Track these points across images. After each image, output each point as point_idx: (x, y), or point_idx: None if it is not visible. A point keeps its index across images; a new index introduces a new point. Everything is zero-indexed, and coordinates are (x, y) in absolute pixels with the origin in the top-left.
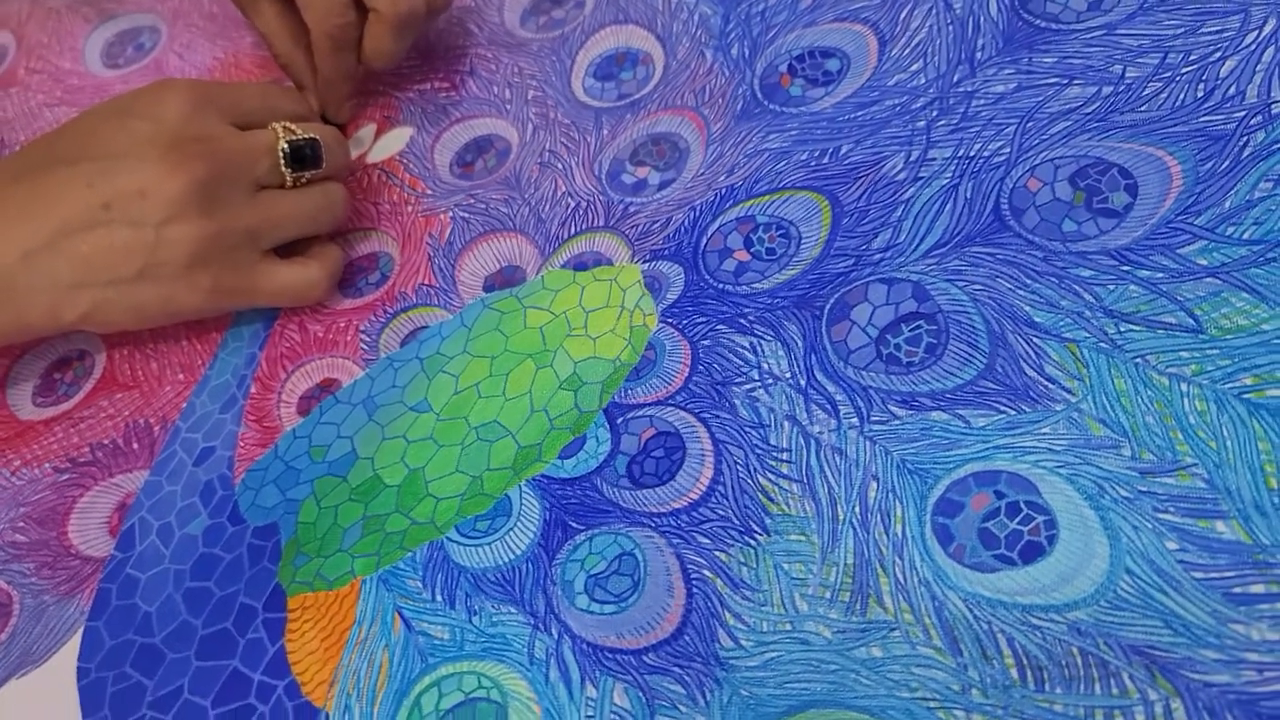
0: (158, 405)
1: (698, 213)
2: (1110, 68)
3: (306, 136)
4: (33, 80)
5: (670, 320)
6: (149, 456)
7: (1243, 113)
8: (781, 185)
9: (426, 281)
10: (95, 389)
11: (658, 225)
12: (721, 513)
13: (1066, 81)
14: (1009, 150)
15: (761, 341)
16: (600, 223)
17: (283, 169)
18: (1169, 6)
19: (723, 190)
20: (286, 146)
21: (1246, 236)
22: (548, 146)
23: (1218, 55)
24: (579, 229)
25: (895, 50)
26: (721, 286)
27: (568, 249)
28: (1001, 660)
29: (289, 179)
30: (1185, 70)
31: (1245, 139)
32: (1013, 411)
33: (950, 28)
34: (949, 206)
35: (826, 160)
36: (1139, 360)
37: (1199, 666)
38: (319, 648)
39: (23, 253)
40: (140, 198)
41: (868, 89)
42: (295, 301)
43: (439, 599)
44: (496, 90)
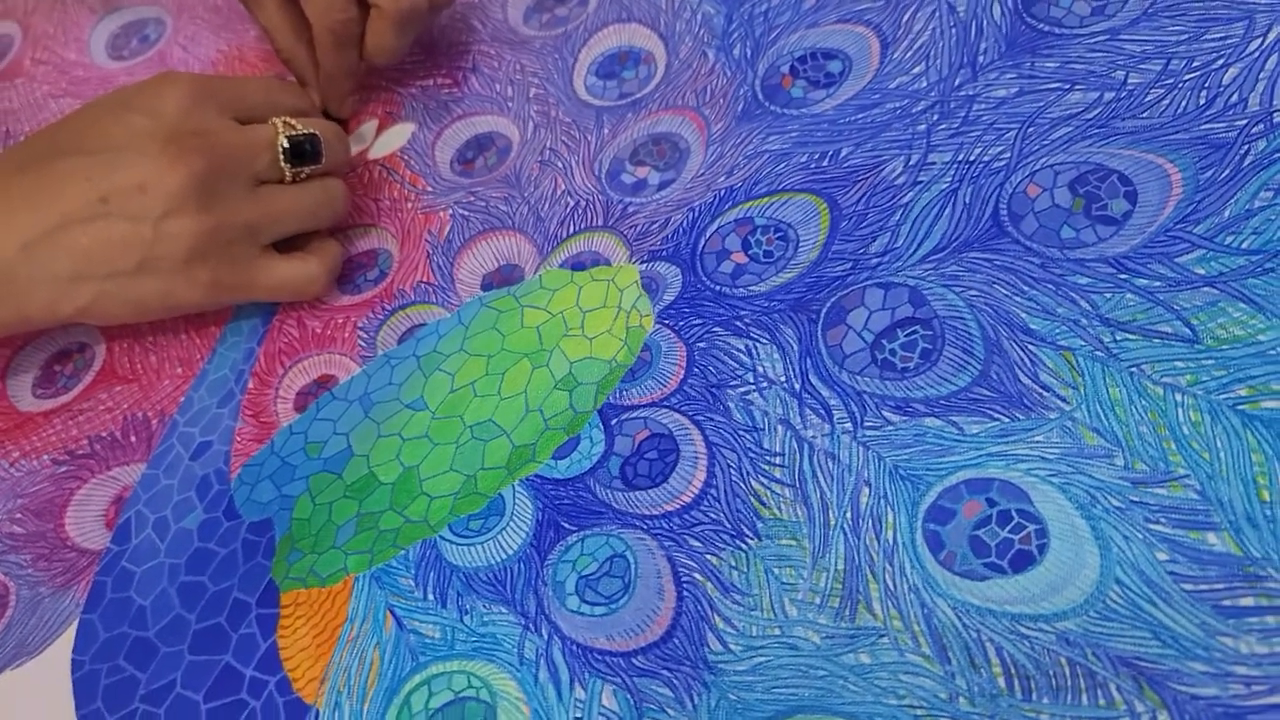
0: (156, 399)
1: (696, 214)
2: (1112, 73)
3: (306, 132)
4: (38, 71)
5: (667, 322)
6: (146, 450)
7: (1244, 121)
8: (781, 187)
9: (425, 279)
10: (94, 382)
11: (656, 226)
12: (713, 516)
13: (1068, 87)
14: (1009, 155)
15: (757, 345)
16: (599, 222)
17: (282, 164)
18: (1173, 12)
19: (722, 191)
20: (286, 142)
21: (1245, 246)
22: (548, 145)
23: (1221, 62)
24: (578, 228)
25: (897, 53)
26: (718, 288)
27: (566, 248)
28: (989, 669)
29: (288, 174)
30: (1188, 77)
31: (1246, 147)
32: (1006, 419)
33: (953, 30)
34: (948, 211)
35: (826, 163)
36: (1134, 369)
37: (1186, 679)
38: (311, 644)
39: (22, 244)
40: (139, 192)
41: (869, 91)
42: (294, 297)
43: (431, 597)
44: (499, 87)
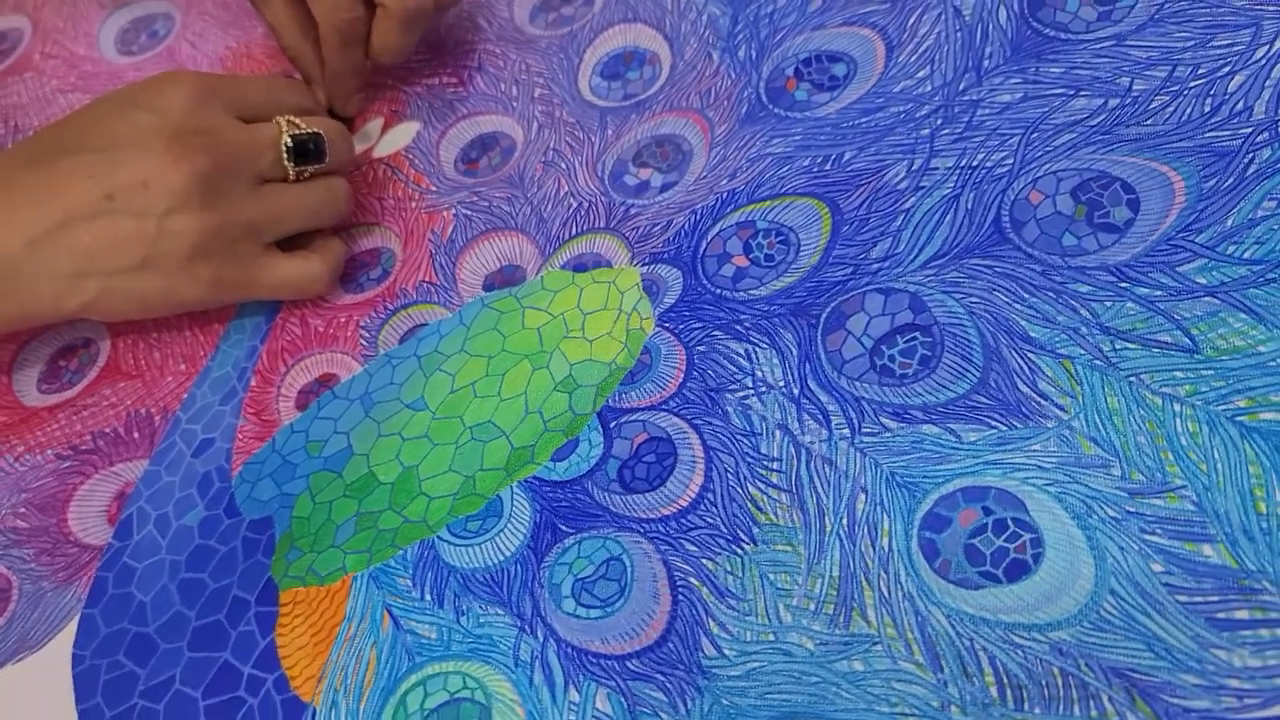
0: (159, 395)
1: (698, 216)
2: (1117, 80)
3: (310, 131)
4: (47, 65)
5: (667, 325)
6: (149, 446)
7: (1249, 129)
8: (783, 191)
9: (427, 279)
10: (99, 377)
11: (658, 228)
12: (710, 520)
13: (1073, 93)
14: (1012, 161)
15: (756, 349)
16: (601, 224)
17: (285, 163)
18: (1180, 18)
19: (724, 194)
20: (289, 140)
21: (1247, 256)
22: (552, 145)
23: (1227, 69)
24: (580, 230)
25: (902, 56)
26: (719, 292)
27: (568, 250)
28: (982, 678)
29: (292, 173)
30: (1193, 84)
31: (1251, 156)
32: (1004, 427)
33: (958, 34)
34: (949, 217)
35: (829, 167)
36: (1133, 379)
37: (1179, 691)
38: (309, 643)
39: (27, 241)
40: (143, 189)
41: (873, 95)
42: (296, 295)
43: (428, 598)
44: (504, 87)
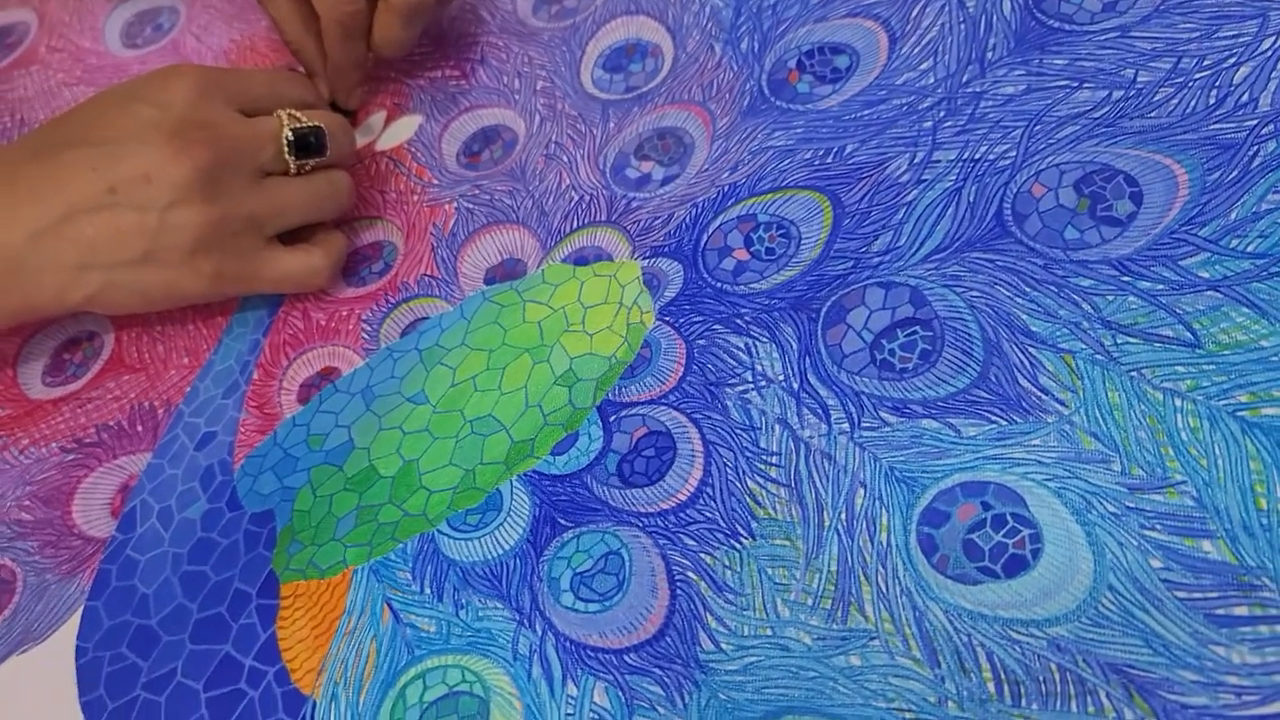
0: (162, 388)
1: (700, 209)
2: (1122, 71)
3: (311, 124)
4: (53, 59)
5: (667, 318)
6: (152, 439)
7: (1254, 121)
8: (784, 184)
9: (429, 272)
10: (103, 370)
11: (659, 221)
12: (709, 515)
13: (1077, 85)
14: (1015, 154)
15: (756, 343)
16: (602, 217)
17: (287, 156)
18: (1185, 9)
19: (726, 187)
20: (291, 134)
21: (1251, 250)
22: (554, 138)
23: (1232, 61)
24: (581, 223)
25: (905, 48)
26: (720, 285)
27: (569, 243)
28: (979, 674)
29: (293, 166)
30: (1198, 76)
31: (1256, 148)
32: (1004, 422)
33: (962, 26)
34: (951, 210)
35: (830, 160)
36: (1134, 374)
37: (1177, 687)
38: (309, 635)
39: (30, 234)
40: (145, 182)
41: (875, 87)
42: (298, 288)
43: (427, 591)
44: (506, 80)
